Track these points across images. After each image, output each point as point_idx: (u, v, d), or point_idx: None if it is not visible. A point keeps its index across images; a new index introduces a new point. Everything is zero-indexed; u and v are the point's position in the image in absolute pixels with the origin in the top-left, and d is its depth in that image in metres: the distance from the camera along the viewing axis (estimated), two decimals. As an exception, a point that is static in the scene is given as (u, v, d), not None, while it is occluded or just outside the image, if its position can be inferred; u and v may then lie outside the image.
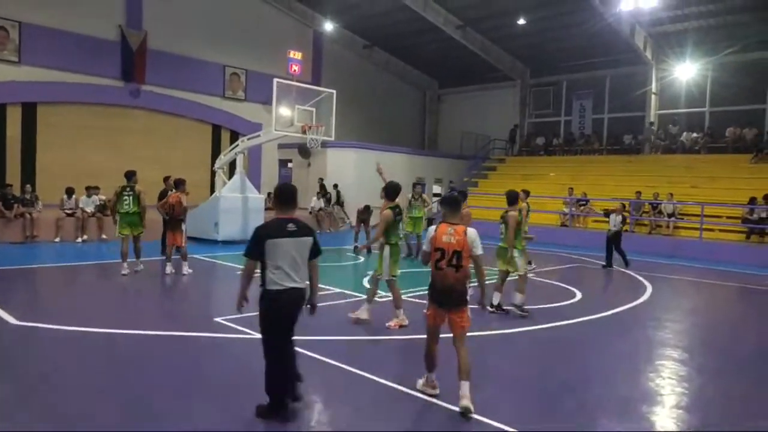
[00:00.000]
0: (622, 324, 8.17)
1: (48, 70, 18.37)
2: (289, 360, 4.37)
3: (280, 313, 4.29)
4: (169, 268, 10.28)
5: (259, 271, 4.30)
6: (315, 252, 4.42)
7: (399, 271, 7.32)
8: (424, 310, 4.92)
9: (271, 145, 22.39)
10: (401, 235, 7.14)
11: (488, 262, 5.79)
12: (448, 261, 4.63)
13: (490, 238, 7.34)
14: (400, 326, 7.03)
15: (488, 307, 7.03)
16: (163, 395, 4.79)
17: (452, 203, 4.92)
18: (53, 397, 4.64)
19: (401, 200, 7.63)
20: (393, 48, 27.97)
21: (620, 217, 13.38)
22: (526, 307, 8.05)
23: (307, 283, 4.42)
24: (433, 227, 4.83)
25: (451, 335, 4.78)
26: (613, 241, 13.30)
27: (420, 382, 4.98)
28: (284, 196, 4.42)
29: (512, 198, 8.31)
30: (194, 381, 5.10)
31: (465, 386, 4.52)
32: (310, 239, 4.36)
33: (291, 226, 4.25)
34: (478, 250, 4.71)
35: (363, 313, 7.25)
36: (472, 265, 4.77)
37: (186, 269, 10.27)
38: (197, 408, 4.50)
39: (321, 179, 21.69)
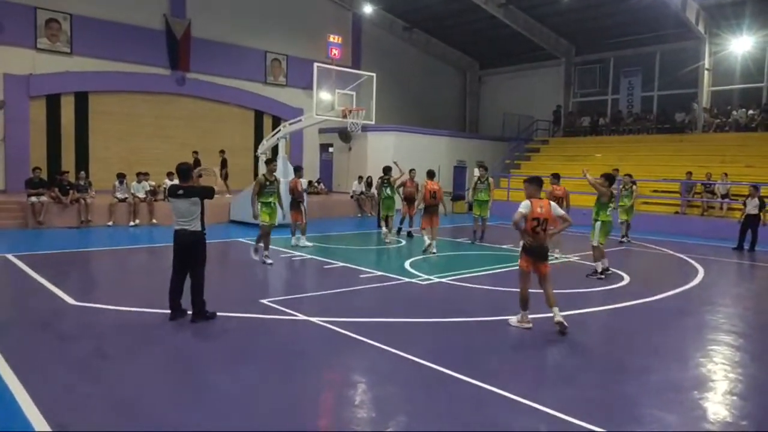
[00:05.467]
0: (671, 308, 7.91)
1: (98, 60, 18.98)
2: (178, 282, 6.36)
3: (176, 245, 6.39)
4: (293, 240, 12.32)
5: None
6: (207, 197, 6.39)
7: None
8: (520, 260, 6.44)
9: (312, 129, 22.57)
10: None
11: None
12: (541, 227, 6.24)
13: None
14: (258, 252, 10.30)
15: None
16: (208, 369, 4.95)
17: (534, 182, 6.48)
18: (107, 371, 4.86)
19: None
20: (433, 29, 27.60)
21: (756, 200, 13.44)
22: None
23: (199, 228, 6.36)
24: (528, 202, 6.25)
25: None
26: (750, 224, 13.42)
27: (514, 319, 6.44)
28: (179, 172, 6.52)
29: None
30: (241, 356, 5.26)
31: (555, 310, 6.22)
32: (195, 198, 6.32)
33: (180, 191, 6.33)
34: (560, 212, 6.47)
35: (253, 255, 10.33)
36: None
37: (304, 242, 12.14)
38: (245, 378, 4.65)
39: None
